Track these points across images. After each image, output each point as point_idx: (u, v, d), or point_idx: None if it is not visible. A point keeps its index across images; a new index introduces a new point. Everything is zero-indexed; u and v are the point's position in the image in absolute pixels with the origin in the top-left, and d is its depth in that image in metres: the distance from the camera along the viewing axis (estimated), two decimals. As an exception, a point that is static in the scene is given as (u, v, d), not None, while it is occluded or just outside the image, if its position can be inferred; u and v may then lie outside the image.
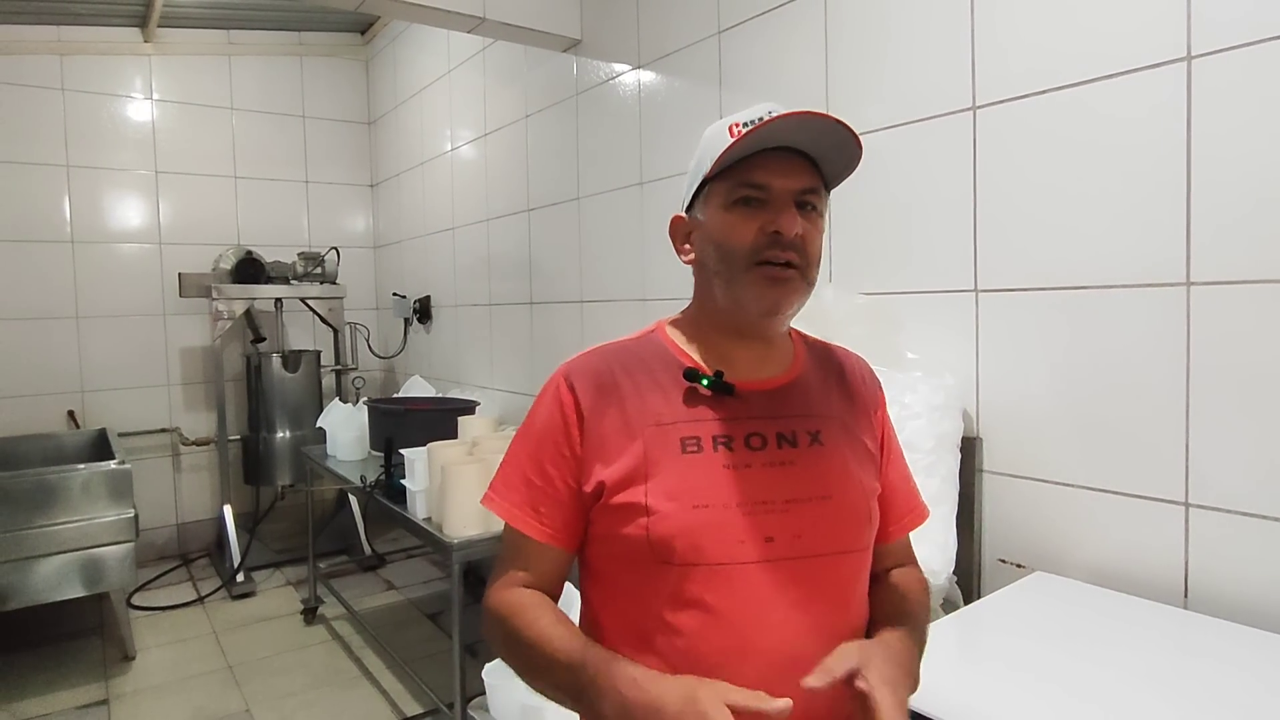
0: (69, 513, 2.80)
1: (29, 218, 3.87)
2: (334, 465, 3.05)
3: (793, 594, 0.80)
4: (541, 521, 0.85)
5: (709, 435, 0.83)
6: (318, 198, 4.73)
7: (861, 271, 1.88)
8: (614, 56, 2.71)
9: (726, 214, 0.83)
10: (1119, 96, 1.40)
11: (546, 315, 3.18)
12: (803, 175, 0.83)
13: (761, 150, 0.81)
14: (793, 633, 0.79)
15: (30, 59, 3.84)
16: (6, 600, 2.69)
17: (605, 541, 0.84)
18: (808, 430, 0.86)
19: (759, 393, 0.87)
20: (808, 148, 0.83)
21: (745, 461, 0.82)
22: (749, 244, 0.81)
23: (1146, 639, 1.21)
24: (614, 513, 0.81)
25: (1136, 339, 1.39)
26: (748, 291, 0.82)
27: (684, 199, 0.91)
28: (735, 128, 0.82)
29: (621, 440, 0.83)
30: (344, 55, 4.77)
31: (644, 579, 0.81)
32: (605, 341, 0.93)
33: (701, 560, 0.78)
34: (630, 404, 0.84)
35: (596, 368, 0.87)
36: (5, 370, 3.82)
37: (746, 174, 0.82)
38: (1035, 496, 1.55)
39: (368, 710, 2.62)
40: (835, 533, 0.83)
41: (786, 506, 0.81)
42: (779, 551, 0.80)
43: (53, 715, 2.61)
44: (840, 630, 0.82)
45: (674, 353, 0.89)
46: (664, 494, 0.79)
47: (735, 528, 0.79)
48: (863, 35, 1.85)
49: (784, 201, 0.82)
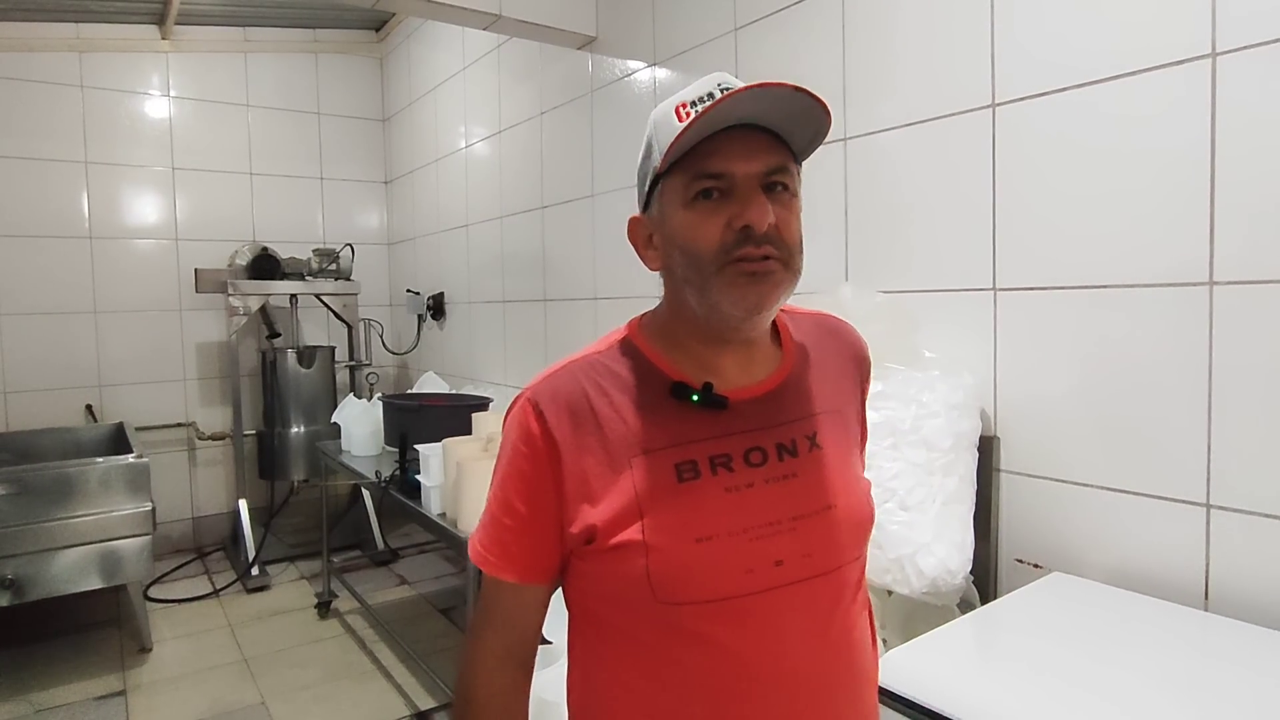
0: (87, 506, 2.83)
1: (48, 214, 3.91)
2: (348, 460, 3.06)
3: (808, 618, 0.75)
4: (513, 563, 0.78)
5: (705, 457, 0.75)
6: (333, 194, 4.75)
7: (879, 270, 1.87)
8: (629, 54, 2.71)
9: (687, 212, 0.73)
10: (1142, 93, 1.38)
11: (560, 312, 3.18)
12: (767, 154, 0.72)
13: (717, 131, 0.71)
14: (809, 656, 0.75)
15: (49, 56, 3.87)
16: (26, 591, 2.72)
17: (596, 581, 0.77)
18: (806, 435, 0.79)
19: (751, 401, 0.79)
20: (768, 121, 0.72)
21: (747, 481, 0.75)
22: (716, 243, 0.71)
23: (1166, 641, 1.20)
24: (607, 554, 0.74)
25: (1158, 339, 1.38)
26: (724, 295, 0.72)
27: (639, 197, 0.81)
28: (683, 109, 0.72)
29: (607, 475, 0.74)
30: (359, 52, 4.79)
31: (644, 619, 0.74)
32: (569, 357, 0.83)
33: (709, 597, 0.72)
34: (611, 430, 0.75)
35: (568, 391, 0.77)
36: (25, 364, 3.86)
37: (703, 162, 0.71)
38: (1053, 496, 1.54)
39: (381, 703, 2.64)
40: (842, 543, 0.78)
41: (794, 525, 0.75)
42: (790, 575, 0.74)
43: (72, 705, 2.64)
44: (852, 643, 0.79)
45: (655, 364, 0.79)
46: (663, 530, 0.72)
47: (743, 556, 0.73)
48: (880, 31, 1.84)
49: (750, 188, 0.71)
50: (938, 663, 1.17)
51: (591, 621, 0.80)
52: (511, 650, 0.81)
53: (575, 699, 0.83)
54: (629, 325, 0.85)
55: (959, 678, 1.13)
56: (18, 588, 2.70)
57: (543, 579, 0.79)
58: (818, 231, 2.03)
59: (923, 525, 1.39)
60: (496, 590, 0.80)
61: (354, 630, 3.23)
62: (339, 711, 2.59)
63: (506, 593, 0.80)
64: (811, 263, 2.33)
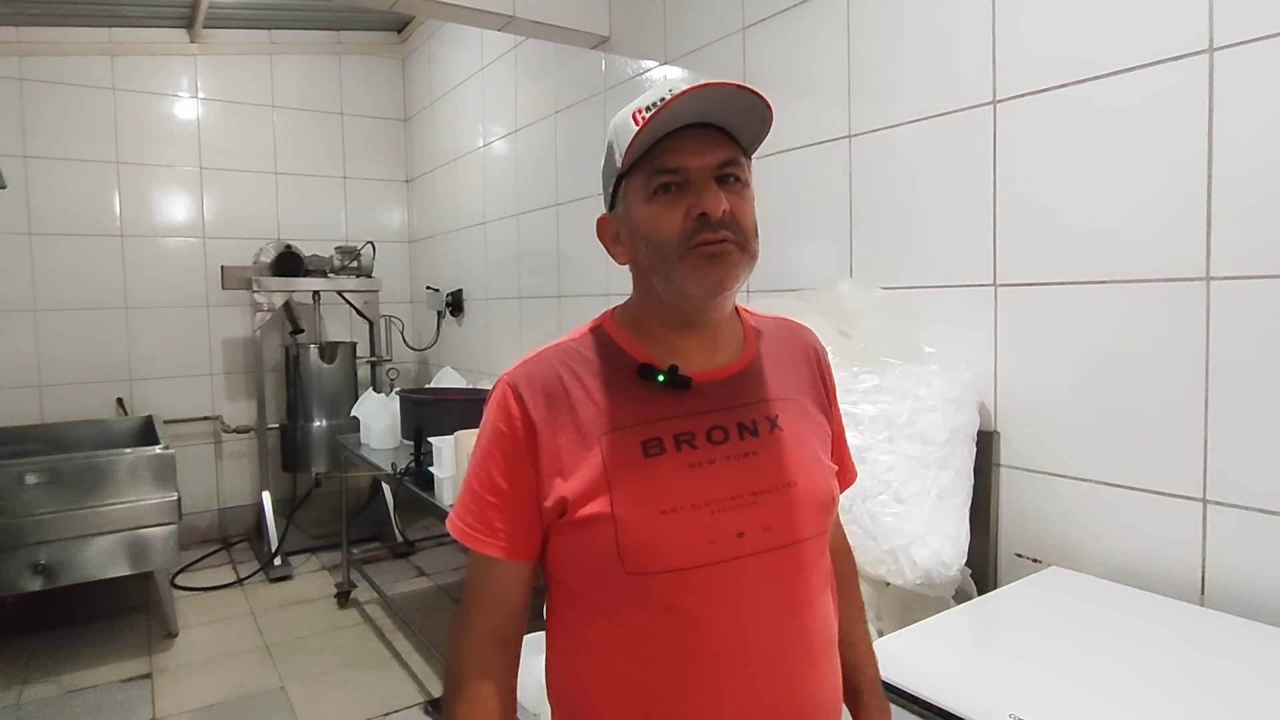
0: (116, 495, 2.92)
1: (81, 213, 4.04)
2: (367, 453, 3.13)
3: (767, 588, 0.79)
4: (498, 537, 0.81)
5: (670, 435, 0.80)
6: (355, 193, 4.84)
7: (883, 266, 1.89)
8: (641, 53, 2.74)
9: (649, 205, 0.79)
10: (1139, 89, 1.38)
11: (574, 308, 3.22)
12: (717, 149, 0.78)
13: (671, 132, 0.77)
14: (771, 627, 0.79)
15: (83, 60, 4.00)
16: (58, 576, 2.83)
17: (571, 555, 0.81)
18: (767, 417, 0.84)
19: (715, 383, 0.84)
20: (717, 119, 0.78)
21: (709, 458, 0.80)
22: (678, 231, 0.77)
23: (1162, 635, 1.21)
24: (578, 527, 0.78)
25: (1156, 334, 1.38)
26: (687, 277, 0.77)
27: (605, 198, 0.87)
28: (639, 114, 0.78)
29: (578, 451, 0.79)
30: (381, 53, 4.87)
31: (614, 590, 0.78)
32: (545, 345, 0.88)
33: (674, 566, 0.76)
34: (583, 411, 0.80)
35: (543, 376, 0.82)
36: (60, 359, 3.99)
37: (659, 160, 0.78)
38: (1052, 491, 1.55)
39: (396, 691, 2.70)
40: (802, 520, 0.81)
41: (754, 499, 0.79)
42: (750, 546, 0.78)
43: (100, 687, 2.73)
44: (812, 613, 0.82)
45: (625, 349, 0.84)
46: (630, 502, 0.76)
47: (705, 527, 0.77)
48: (884, 30, 1.85)
49: (703, 180, 0.77)
50: (930, 651, 1.18)
51: (568, 597, 0.83)
52: (498, 632, 0.84)
53: (553, 676, 0.87)
54: (602, 315, 0.90)
55: (951, 667, 1.14)
56: (50, 573, 2.81)
57: (526, 556, 0.83)
58: (822, 228, 2.04)
59: (916, 517, 1.40)
60: (483, 569, 0.83)
61: (372, 620, 3.30)
62: (355, 697, 2.65)
63: (493, 571, 0.83)
64: (816, 259, 2.34)
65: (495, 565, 0.82)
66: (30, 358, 3.93)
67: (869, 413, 1.47)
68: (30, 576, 2.78)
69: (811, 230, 2.07)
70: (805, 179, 2.06)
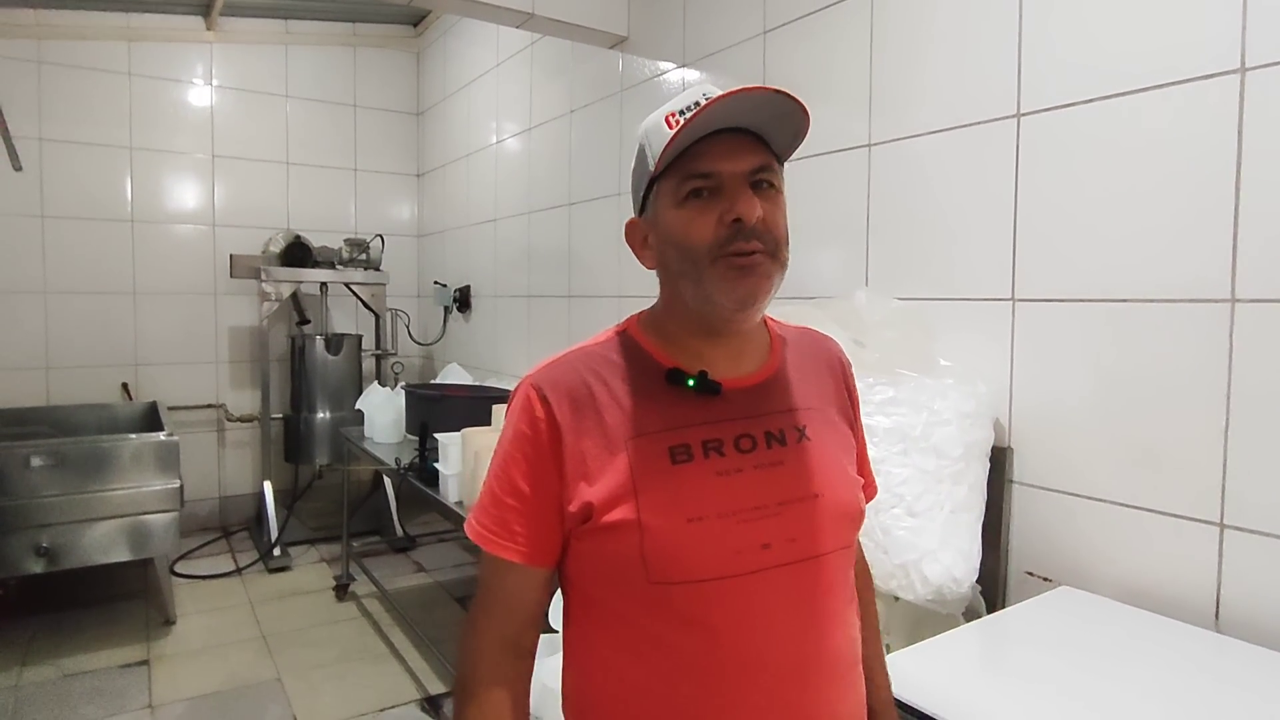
0: (119, 480, 2.92)
1: (93, 197, 4.04)
2: (370, 447, 3.12)
3: (791, 601, 0.77)
4: (516, 541, 0.79)
5: (698, 441, 0.78)
6: (366, 185, 4.84)
7: (899, 276, 1.87)
8: (659, 54, 2.72)
9: (680, 210, 0.77)
10: (1167, 107, 1.37)
11: (584, 309, 3.21)
12: (751, 154, 0.77)
13: (704, 136, 0.75)
14: (795, 640, 0.77)
15: (100, 44, 3.99)
16: (59, 559, 2.82)
17: (592, 562, 0.79)
18: (795, 426, 0.83)
19: (742, 390, 0.82)
20: (751, 124, 0.77)
21: (736, 466, 0.78)
22: (709, 238, 0.75)
23: (1174, 660, 1.19)
24: (602, 533, 0.76)
25: (1177, 355, 1.36)
26: (717, 287, 0.76)
27: (634, 201, 0.86)
28: (672, 118, 0.77)
29: (604, 456, 0.77)
30: (396, 46, 4.86)
31: (635, 599, 0.76)
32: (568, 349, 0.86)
33: (698, 576, 0.74)
34: (609, 415, 0.79)
35: (568, 379, 0.81)
36: (67, 342, 3.99)
37: (692, 164, 0.76)
38: (1065, 509, 1.53)
39: (393, 686, 2.69)
40: (827, 532, 0.80)
41: (780, 509, 0.77)
42: (776, 558, 0.76)
43: (97, 671, 2.73)
44: (836, 628, 0.81)
45: (651, 354, 0.83)
46: (656, 509, 0.75)
47: (731, 537, 0.75)
48: (908, 40, 1.84)
49: (737, 185, 0.76)
50: (941, 669, 1.17)
51: (586, 605, 0.82)
52: (513, 639, 0.82)
53: (569, 685, 0.85)
54: (627, 321, 0.89)
55: (960, 685, 1.12)
56: (52, 556, 2.80)
57: (545, 561, 0.81)
58: (839, 236, 2.03)
59: (929, 532, 1.39)
60: (499, 573, 0.81)
61: (370, 614, 3.29)
62: (351, 691, 2.64)
63: (510, 576, 0.81)
64: (831, 268, 2.32)
65: (511, 570, 0.80)
66: (39, 340, 3.93)
67: (884, 425, 1.45)
68: (33, 559, 2.77)
69: (827, 238, 2.06)
70: (823, 186, 2.04)
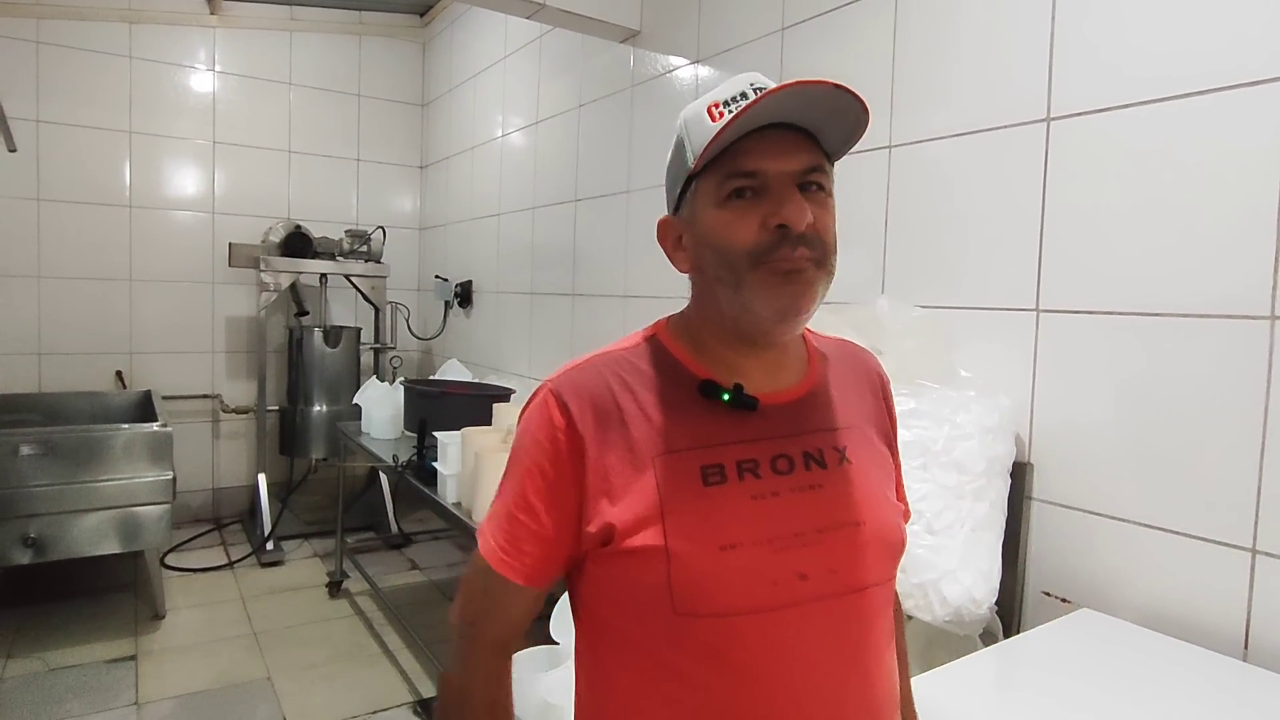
0: (111, 470, 2.86)
1: (90, 181, 3.97)
2: (367, 442, 3.07)
3: (829, 638, 0.71)
4: (524, 562, 0.75)
5: (733, 461, 0.72)
6: (368, 176, 4.78)
7: (917, 283, 1.82)
8: (672, 49, 2.67)
9: (720, 211, 0.71)
10: (1207, 115, 1.32)
11: (588, 307, 3.16)
12: (802, 153, 0.71)
13: (751, 131, 0.69)
14: (834, 682, 0.71)
15: (101, 25, 3.93)
16: (47, 550, 2.76)
17: (611, 587, 0.73)
18: (835, 446, 0.76)
19: (779, 406, 0.76)
20: (803, 120, 0.71)
21: (773, 489, 0.71)
22: (751, 242, 0.69)
23: (1200, 689, 1.15)
24: (625, 558, 0.70)
25: (1211, 372, 1.31)
26: (758, 296, 0.69)
27: (669, 198, 0.79)
28: (715, 109, 0.70)
29: (628, 473, 0.71)
30: (402, 36, 4.80)
31: (660, 632, 0.70)
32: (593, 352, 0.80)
33: (730, 609, 0.68)
34: (635, 428, 0.72)
35: (592, 386, 0.74)
36: (60, 328, 3.93)
37: (736, 161, 0.70)
38: (1087, 529, 1.48)
39: (385, 688, 2.63)
40: (869, 563, 0.73)
41: (819, 537, 0.71)
42: (813, 591, 0.70)
43: (84, 666, 2.67)
44: (878, 670, 0.75)
45: (683, 364, 0.77)
46: (685, 534, 0.68)
47: (767, 567, 0.69)
48: (934, 39, 1.79)
49: (785, 187, 0.70)
50: (958, 696, 1.12)
51: (602, 632, 0.76)
52: (506, 643, 0.81)
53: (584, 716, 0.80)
54: (656, 325, 0.83)
55: (980, 712, 1.08)
56: (39, 547, 2.74)
57: (545, 583, 0.77)
58: (853, 241, 1.97)
59: (950, 551, 1.34)
60: (497, 586, 0.77)
61: (363, 612, 3.24)
62: (343, 693, 2.59)
63: (510, 592, 0.77)
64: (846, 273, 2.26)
65: (512, 587, 0.77)
66: (31, 325, 3.87)
67: (904, 437, 1.39)
68: (20, 549, 2.71)
69: (842, 242, 1.99)
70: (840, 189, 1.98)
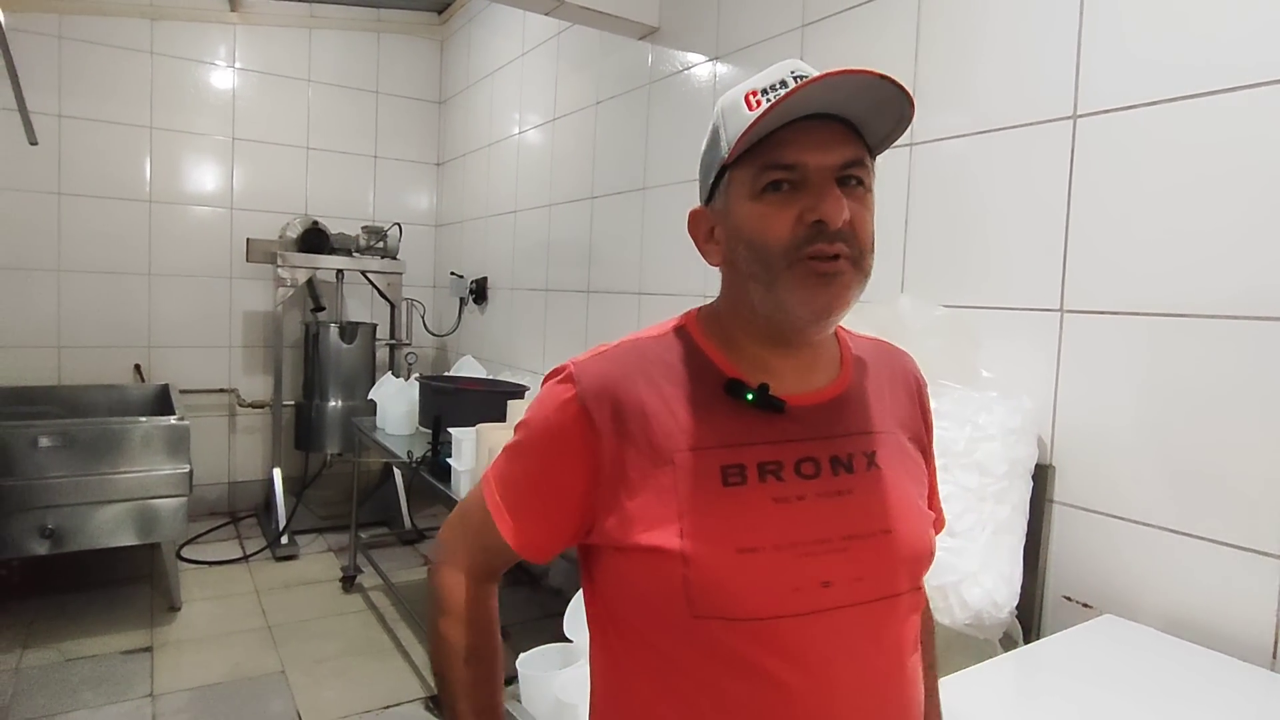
0: (128, 463, 2.88)
1: (111, 175, 4.00)
2: (382, 438, 3.08)
3: (853, 647, 0.69)
4: (518, 532, 0.75)
5: (754, 462, 0.70)
6: (385, 173, 4.79)
7: (938, 282, 1.80)
8: (690, 46, 2.65)
9: (755, 204, 0.69)
10: (1237, 112, 1.29)
11: (603, 304, 3.15)
12: (843, 146, 0.68)
13: (791, 120, 0.67)
14: (855, 691, 0.69)
15: (123, 21, 3.96)
16: (65, 542, 2.79)
17: (627, 586, 0.72)
18: (864, 451, 0.74)
19: (808, 408, 0.74)
20: (845, 111, 0.68)
21: (798, 493, 0.70)
22: (786, 238, 0.67)
23: (1226, 699, 1.12)
24: (640, 555, 0.69)
25: (1241, 374, 1.28)
26: (793, 294, 0.68)
27: (701, 189, 0.77)
28: (753, 97, 0.68)
29: (647, 468, 0.69)
30: (420, 33, 4.81)
31: (678, 635, 0.69)
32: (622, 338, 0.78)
33: (749, 615, 0.66)
34: (657, 423, 0.70)
35: (614, 378, 0.72)
36: (80, 321, 3.96)
37: (773, 153, 0.67)
38: (1110, 533, 1.46)
39: (397, 683, 2.64)
40: (897, 572, 0.72)
41: (845, 544, 0.69)
42: (837, 599, 0.68)
43: (99, 657, 2.69)
44: (904, 680, 0.74)
45: (711, 359, 0.74)
46: (703, 536, 0.67)
47: (789, 573, 0.67)
48: (957, 35, 1.76)
49: (823, 181, 0.67)
50: (978, 700, 1.10)
51: (619, 632, 0.74)
52: (488, 570, 0.82)
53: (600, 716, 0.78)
54: (686, 315, 0.80)
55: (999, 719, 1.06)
56: (57, 538, 2.77)
57: (536, 557, 0.77)
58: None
59: (970, 553, 1.32)
60: (489, 532, 0.78)
61: (376, 607, 3.25)
62: (355, 687, 2.60)
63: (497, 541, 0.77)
64: (867, 270, 2.21)
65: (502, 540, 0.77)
66: (51, 318, 3.91)
67: (924, 438, 1.39)
68: (37, 540, 2.74)
69: (861, 240, 1.98)
70: (858, 186, 1.96)
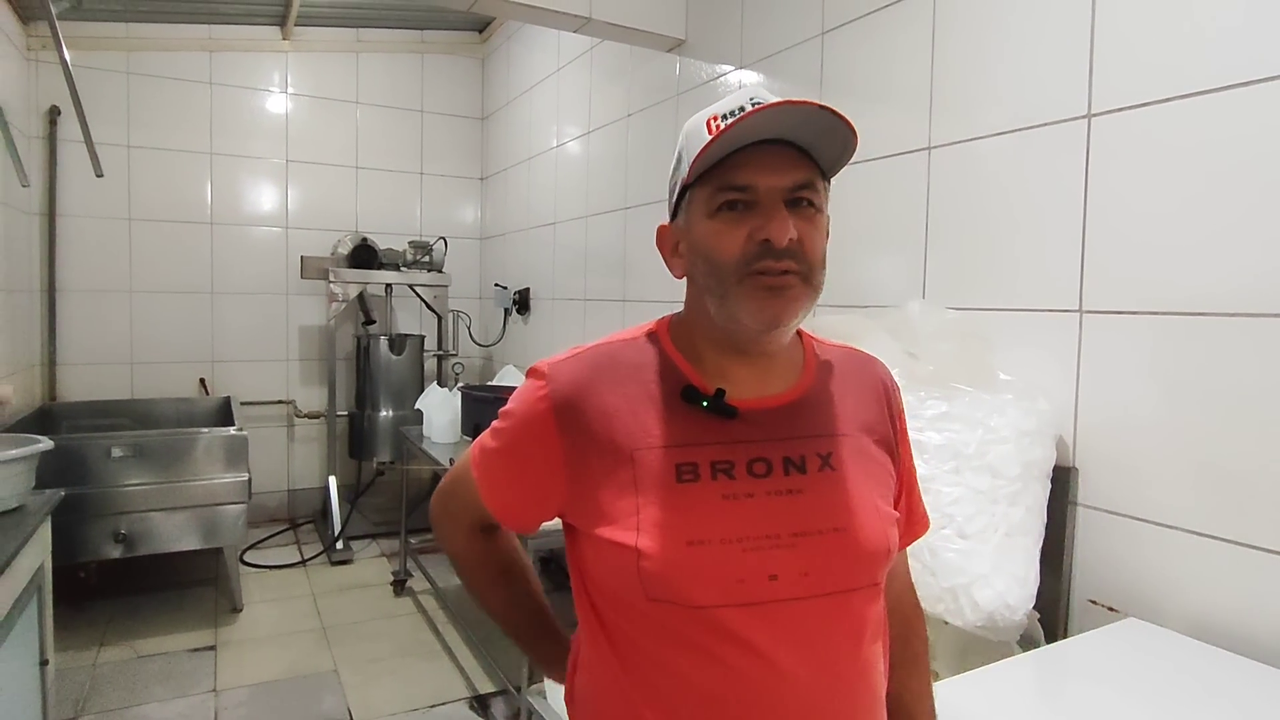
0: (192, 472, 3.06)
1: (176, 200, 4.24)
2: (428, 446, 3.19)
3: (801, 638, 0.72)
4: (497, 501, 0.85)
5: (707, 461, 0.74)
6: (431, 189, 4.95)
7: (959, 285, 1.79)
8: (717, 57, 2.69)
9: (711, 222, 0.74)
10: (1255, 107, 1.27)
11: (638, 313, 3.20)
12: (793, 170, 0.73)
13: (746, 144, 0.72)
14: (801, 682, 0.72)
15: (184, 55, 4.20)
16: (136, 546, 2.97)
17: (594, 567, 0.78)
18: (818, 453, 0.77)
19: (763, 412, 0.78)
20: (795, 137, 0.73)
21: (747, 491, 0.74)
22: (738, 254, 0.72)
23: (1255, 706, 1.10)
24: (603, 546, 0.75)
25: (1265, 374, 1.26)
26: (743, 306, 0.72)
27: (669, 205, 0.83)
28: (714, 122, 0.73)
29: (609, 464, 0.75)
30: (462, 53, 4.96)
31: (635, 617, 0.74)
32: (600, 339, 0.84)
33: (696, 602, 0.71)
34: (619, 423, 0.76)
35: (583, 380, 0.78)
36: (151, 338, 4.21)
37: (729, 174, 0.73)
38: (1134, 536, 1.44)
39: (444, 683, 2.73)
40: (846, 569, 0.75)
41: (794, 541, 0.73)
42: (784, 592, 0.72)
43: (169, 654, 2.86)
44: (852, 674, 0.76)
45: (676, 364, 0.80)
46: (655, 526, 0.72)
47: (734, 565, 0.71)
48: (971, 39, 1.76)
49: (772, 203, 0.72)
50: (990, 700, 1.11)
51: (593, 606, 0.80)
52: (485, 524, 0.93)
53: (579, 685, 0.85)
54: (659, 322, 0.86)
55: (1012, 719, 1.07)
56: (129, 542, 2.95)
57: (515, 526, 0.87)
58: (896, 243, 1.96)
59: (981, 555, 1.32)
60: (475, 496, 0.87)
61: (425, 610, 3.36)
62: (404, 687, 2.70)
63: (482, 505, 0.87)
64: (889, 276, 2.25)
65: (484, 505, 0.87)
66: (124, 336, 4.16)
67: (934, 441, 1.39)
68: (111, 544, 2.93)
69: (884, 245, 1.99)
70: (881, 191, 1.97)
